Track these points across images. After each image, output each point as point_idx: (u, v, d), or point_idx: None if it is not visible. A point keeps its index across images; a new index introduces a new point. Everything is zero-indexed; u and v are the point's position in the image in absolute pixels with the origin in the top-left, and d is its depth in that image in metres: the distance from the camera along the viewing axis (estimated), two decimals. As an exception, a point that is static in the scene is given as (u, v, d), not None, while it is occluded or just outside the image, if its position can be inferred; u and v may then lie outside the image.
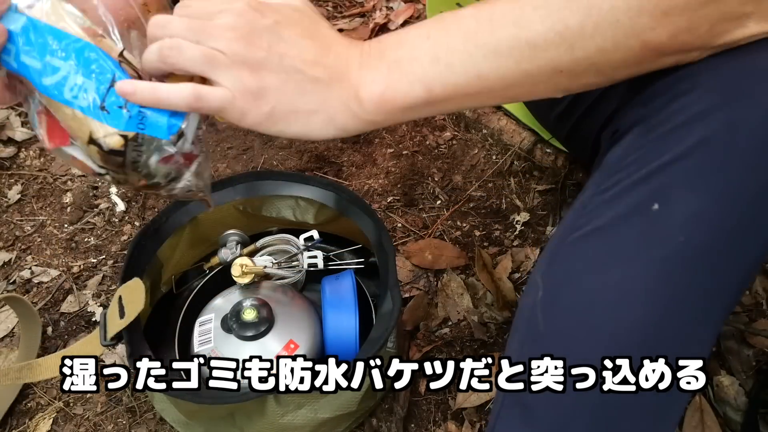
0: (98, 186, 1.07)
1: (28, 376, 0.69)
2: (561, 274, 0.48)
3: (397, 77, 0.44)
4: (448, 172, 1.03)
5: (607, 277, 0.45)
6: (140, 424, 0.77)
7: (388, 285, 0.69)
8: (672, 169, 0.43)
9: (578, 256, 0.47)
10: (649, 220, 0.44)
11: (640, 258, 0.44)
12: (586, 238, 0.47)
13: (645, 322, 0.44)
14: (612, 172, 0.47)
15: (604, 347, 0.45)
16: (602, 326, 0.45)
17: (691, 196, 0.43)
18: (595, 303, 0.45)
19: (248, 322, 0.67)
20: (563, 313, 0.47)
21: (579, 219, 0.48)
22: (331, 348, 0.71)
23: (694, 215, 0.43)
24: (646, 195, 0.44)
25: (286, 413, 0.64)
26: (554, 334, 0.47)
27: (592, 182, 0.49)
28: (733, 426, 0.73)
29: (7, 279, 0.94)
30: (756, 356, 0.79)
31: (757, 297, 0.85)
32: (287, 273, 0.77)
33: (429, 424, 0.76)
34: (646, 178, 0.44)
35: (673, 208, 0.43)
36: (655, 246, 0.44)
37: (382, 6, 1.39)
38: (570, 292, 0.47)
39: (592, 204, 0.47)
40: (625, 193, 0.45)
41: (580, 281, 0.46)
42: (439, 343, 0.82)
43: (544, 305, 0.48)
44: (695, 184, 0.43)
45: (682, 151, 0.43)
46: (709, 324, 0.46)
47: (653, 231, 0.44)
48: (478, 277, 0.90)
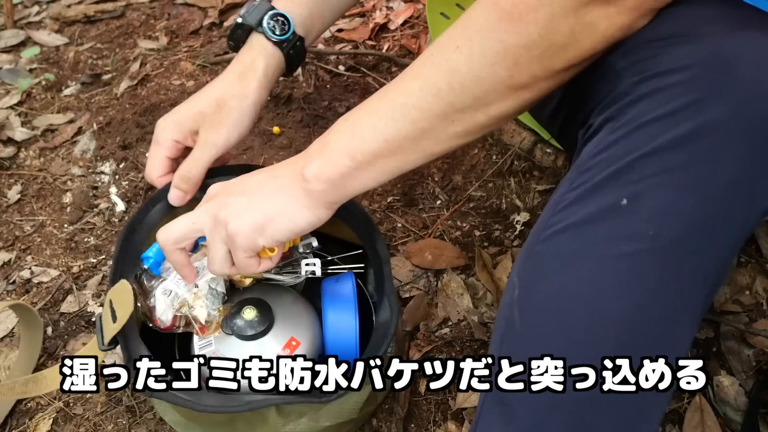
0: (98, 186, 1.07)
1: (34, 390, 0.69)
2: (535, 271, 0.49)
3: (327, 154, 0.54)
4: (448, 172, 1.03)
5: (579, 273, 0.46)
6: (140, 424, 0.77)
7: (385, 292, 0.68)
8: (641, 165, 0.44)
9: (551, 253, 0.48)
10: (618, 215, 0.45)
11: (611, 253, 0.45)
12: (558, 236, 0.48)
13: (618, 317, 0.45)
14: (582, 170, 0.48)
15: (578, 343, 0.46)
16: (576, 322, 0.46)
17: (659, 191, 0.44)
18: (567, 299, 0.46)
19: (248, 321, 0.67)
20: (537, 310, 0.48)
21: (552, 217, 0.49)
22: (331, 347, 0.71)
23: (663, 209, 0.44)
24: (615, 191, 0.45)
25: (288, 422, 0.64)
26: (530, 331, 0.48)
27: (564, 180, 0.50)
28: (733, 426, 0.73)
29: (6, 279, 0.94)
30: (756, 356, 0.79)
31: (757, 297, 0.85)
32: (285, 278, 0.77)
33: (429, 424, 0.76)
34: (615, 175, 0.45)
35: (642, 203, 0.44)
36: (625, 241, 0.45)
37: (382, 6, 1.39)
38: (543, 289, 0.48)
39: (564, 202, 0.48)
40: (595, 190, 0.46)
41: (553, 278, 0.47)
42: (439, 343, 0.82)
43: (519, 303, 0.49)
44: (663, 180, 0.44)
45: (651, 148, 0.44)
46: (686, 317, 0.46)
47: (623, 226, 0.45)
48: (478, 277, 0.90)
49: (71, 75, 1.32)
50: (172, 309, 0.67)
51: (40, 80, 1.29)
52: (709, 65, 0.44)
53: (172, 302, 0.67)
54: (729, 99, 0.43)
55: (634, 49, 0.48)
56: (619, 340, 0.45)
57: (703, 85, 0.43)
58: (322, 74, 1.23)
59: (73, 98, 1.25)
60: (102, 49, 1.38)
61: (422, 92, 0.50)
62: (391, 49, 1.28)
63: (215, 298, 0.68)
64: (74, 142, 1.15)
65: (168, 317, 0.67)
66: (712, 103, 0.43)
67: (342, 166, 0.54)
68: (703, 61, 0.44)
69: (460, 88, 0.49)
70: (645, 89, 0.46)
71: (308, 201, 0.56)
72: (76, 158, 1.12)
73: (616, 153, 0.46)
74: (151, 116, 1.18)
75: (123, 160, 1.11)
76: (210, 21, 1.40)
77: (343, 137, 0.54)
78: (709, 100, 0.43)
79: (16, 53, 1.38)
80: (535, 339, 0.48)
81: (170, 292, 0.67)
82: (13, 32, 1.43)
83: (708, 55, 0.44)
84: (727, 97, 0.43)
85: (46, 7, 1.51)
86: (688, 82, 0.44)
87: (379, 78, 1.21)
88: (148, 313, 0.69)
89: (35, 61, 1.35)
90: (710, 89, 0.43)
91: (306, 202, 0.56)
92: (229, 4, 1.41)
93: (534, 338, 0.48)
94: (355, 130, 0.54)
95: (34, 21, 1.48)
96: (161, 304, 0.67)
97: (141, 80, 1.26)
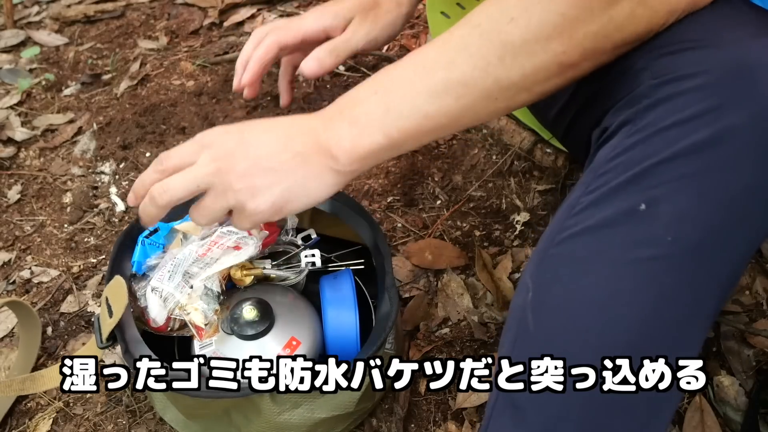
0: (98, 186, 1.07)
1: (31, 387, 0.70)
2: (549, 274, 0.49)
3: (358, 131, 0.51)
4: (448, 172, 1.03)
5: (594, 277, 0.46)
6: (140, 424, 0.77)
7: (385, 286, 0.69)
8: (659, 171, 0.44)
9: (566, 256, 0.48)
10: (636, 220, 0.44)
11: (628, 258, 0.45)
12: (573, 239, 0.47)
13: (633, 322, 0.45)
14: (599, 173, 0.48)
15: (593, 347, 0.45)
16: (590, 326, 0.45)
17: (677, 196, 0.44)
18: (583, 303, 0.46)
19: (248, 321, 0.67)
20: (552, 313, 0.48)
21: (567, 220, 0.48)
22: (331, 346, 0.71)
23: (681, 215, 0.44)
24: (633, 196, 0.45)
25: (283, 412, 0.64)
26: (544, 334, 0.48)
27: (581, 183, 0.50)
28: (733, 426, 0.73)
29: (6, 279, 0.94)
30: (756, 356, 0.79)
31: (757, 297, 0.85)
32: (287, 274, 0.77)
33: (429, 424, 0.75)
34: (633, 180, 0.45)
35: (660, 208, 0.44)
36: (642, 246, 0.44)
37: (382, 6, 1.39)
38: (558, 292, 0.47)
39: (579, 205, 0.48)
40: (612, 194, 0.46)
41: (568, 281, 0.47)
42: (439, 343, 0.82)
43: (533, 305, 0.49)
44: (681, 185, 0.44)
45: (669, 154, 0.44)
46: (699, 322, 0.46)
47: (640, 231, 0.44)
48: (478, 277, 0.90)
49: (71, 75, 1.32)
50: (163, 307, 0.67)
51: (40, 80, 1.29)
52: (729, 71, 0.43)
53: (164, 301, 0.67)
54: (748, 106, 0.42)
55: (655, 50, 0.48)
56: (632, 344, 0.45)
57: (723, 91, 0.43)
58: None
59: (73, 98, 1.25)
60: (102, 49, 1.38)
61: (469, 66, 0.47)
62: (391, 49, 1.28)
63: (211, 299, 0.68)
64: (74, 142, 1.15)
65: (162, 317, 0.67)
66: (732, 110, 0.43)
67: (375, 144, 0.50)
68: (723, 67, 0.44)
69: (511, 62, 0.46)
70: (664, 93, 0.46)
71: (331, 178, 0.53)
72: (76, 158, 1.12)
73: (634, 157, 0.45)
74: (151, 116, 1.18)
75: (123, 160, 1.11)
76: (210, 21, 1.40)
77: (375, 111, 0.50)
78: (729, 106, 0.43)
79: (16, 53, 1.38)
80: (548, 342, 0.47)
81: (160, 290, 0.67)
82: (13, 32, 1.43)
83: (728, 61, 0.44)
84: (746, 103, 0.43)
85: (46, 7, 1.51)
86: (707, 87, 0.44)
87: (379, 78, 1.21)
88: (142, 316, 0.69)
89: (35, 61, 1.35)
90: (730, 96, 0.43)
91: (328, 178, 0.53)
92: (229, 4, 1.41)
93: (547, 341, 0.47)
94: (389, 105, 0.50)
95: (34, 21, 1.48)
96: (152, 303, 0.67)
97: (141, 80, 1.26)
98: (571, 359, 0.45)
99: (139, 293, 0.69)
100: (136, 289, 0.70)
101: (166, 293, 0.66)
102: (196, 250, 0.68)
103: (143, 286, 0.69)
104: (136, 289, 0.70)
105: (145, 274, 0.71)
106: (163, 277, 0.67)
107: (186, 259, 0.68)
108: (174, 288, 0.67)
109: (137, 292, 0.69)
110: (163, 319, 0.67)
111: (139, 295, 0.69)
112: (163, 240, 0.73)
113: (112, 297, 0.65)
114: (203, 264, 0.68)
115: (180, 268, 0.67)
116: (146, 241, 0.72)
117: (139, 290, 0.69)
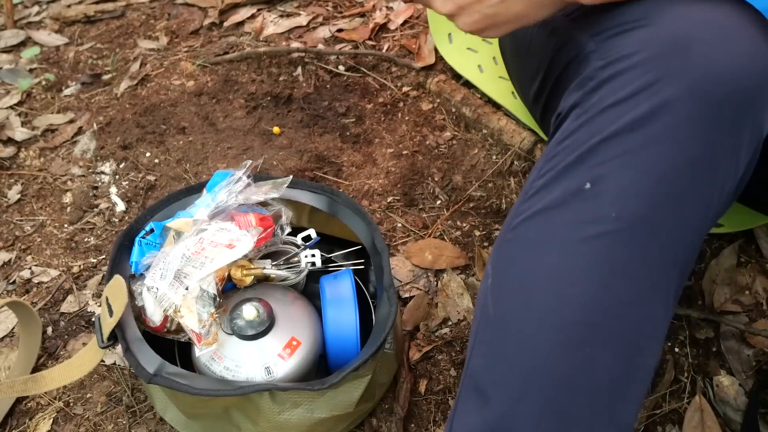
0: (98, 186, 1.07)
1: (34, 388, 0.70)
2: (506, 259, 0.50)
3: None
4: (448, 172, 1.03)
5: (546, 258, 0.47)
6: (140, 424, 0.77)
7: (384, 286, 0.69)
8: (602, 149, 0.45)
9: (520, 240, 0.49)
10: (582, 199, 0.45)
11: (576, 237, 0.45)
12: (526, 223, 0.49)
13: (586, 299, 0.45)
14: (549, 157, 0.49)
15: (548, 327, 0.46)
16: (544, 306, 0.46)
17: (621, 173, 0.45)
18: (536, 284, 0.47)
19: (249, 321, 0.67)
20: (507, 296, 0.49)
21: (521, 205, 0.50)
22: (331, 346, 0.71)
23: (625, 191, 0.44)
24: (579, 175, 0.46)
25: (283, 411, 0.64)
26: (502, 317, 0.49)
27: (534, 168, 0.51)
28: (733, 426, 0.73)
29: (6, 279, 0.94)
30: (756, 356, 0.79)
31: (757, 297, 0.85)
32: (287, 274, 0.77)
33: (429, 424, 0.76)
34: (578, 160, 0.46)
35: (604, 186, 0.45)
36: (589, 224, 0.45)
37: (382, 6, 1.39)
38: (514, 275, 0.49)
39: (532, 189, 0.49)
40: (560, 176, 0.47)
41: (522, 265, 0.48)
42: (439, 343, 0.82)
43: (492, 290, 0.50)
44: (624, 162, 0.45)
45: (611, 131, 0.45)
46: (657, 298, 0.46)
47: (587, 209, 0.45)
48: (478, 277, 0.90)
49: (71, 75, 1.32)
50: (159, 306, 0.67)
51: (40, 80, 1.29)
52: (666, 46, 0.44)
53: (159, 302, 0.67)
54: (684, 77, 0.43)
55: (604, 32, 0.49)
56: (589, 322, 0.45)
57: (660, 65, 0.44)
58: (322, 74, 1.23)
59: (73, 98, 1.25)
60: (102, 49, 1.38)
61: None
62: (391, 49, 1.28)
63: (206, 302, 0.67)
64: (74, 142, 1.15)
65: (158, 315, 0.67)
66: (668, 83, 0.44)
67: None
68: (661, 43, 0.45)
69: None
70: (607, 73, 0.47)
71: None
72: (76, 158, 1.12)
73: (579, 138, 0.47)
74: (151, 116, 1.18)
75: (123, 160, 1.11)
76: (210, 21, 1.40)
77: None
78: (665, 80, 0.44)
79: (16, 53, 1.38)
80: (506, 326, 0.48)
81: (155, 290, 0.67)
82: (13, 32, 1.43)
83: (665, 37, 0.45)
84: (682, 75, 0.43)
85: (46, 7, 1.51)
86: (645, 63, 0.45)
87: (379, 78, 1.21)
88: (140, 316, 0.69)
89: (35, 61, 1.35)
90: (666, 70, 0.44)
91: None
92: (229, 4, 1.41)
93: (505, 324, 0.48)
94: None
95: (34, 21, 1.48)
96: (148, 302, 0.67)
97: (141, 80, 1.26)
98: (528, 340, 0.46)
99: (136, 293, 0.69)
100: (134, 289, 0.70)
101: (161, 293, 0.66)
102: (189, 247, 0.68)
103: (140, 285, 0.69)
104: (134, 288, 0.70)
105: (142, 273, 0.71)
106: (156, 276, 0.67)
107: (177, 256, 0.68)
108: (167, 287, 0.66)
109: (135, 292, 0.70)
110: (160, 318, 0.67)
111: (137, 295, 0.69)
112: (159, 239, 0.73)
113: (112, 296, 0.65)
114: (198, 264, 0.68)
115: (172, 266, 0.67)
116: (143, 241, 0.72)
117: (137, 290, 0.69)
